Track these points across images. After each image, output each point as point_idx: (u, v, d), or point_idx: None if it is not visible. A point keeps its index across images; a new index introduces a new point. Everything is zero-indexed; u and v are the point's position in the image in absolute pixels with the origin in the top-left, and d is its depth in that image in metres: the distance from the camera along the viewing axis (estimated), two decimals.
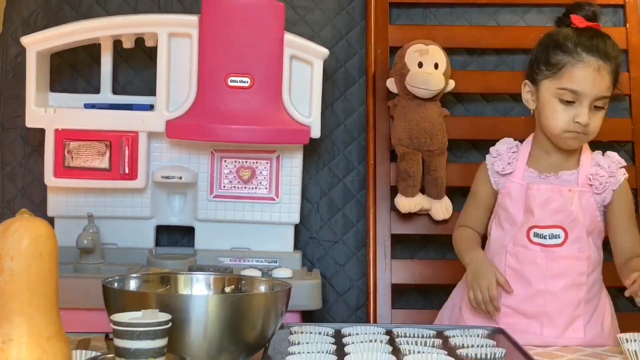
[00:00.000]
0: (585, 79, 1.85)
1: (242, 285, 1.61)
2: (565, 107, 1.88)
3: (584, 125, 1.86)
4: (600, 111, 1.89)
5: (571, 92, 1.86)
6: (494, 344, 1.56)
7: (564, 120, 1.88)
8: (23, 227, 1.26)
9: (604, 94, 1.87)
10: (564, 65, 1.87)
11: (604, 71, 1.86)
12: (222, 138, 2.55)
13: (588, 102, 1.86)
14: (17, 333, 1.23)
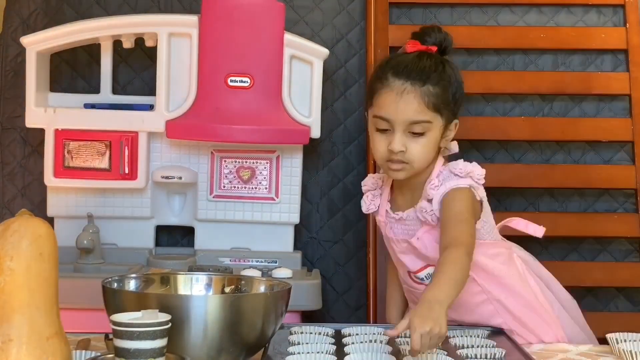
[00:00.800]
0: (390, 104, 1.74)
1: (242, 286, 1.61)
2: (381, 135, 1.77)
3: (398, 152, 1.75)
4: (420, 137, 1.75)
5: (382, 119, 1.76)
6: (494, 344, 1.56)
7: (381, 149, 1.77)
8: (23, 227, 1.26)
9: (414, 118, 1.73)
10: (375, 92, 1.78)
11: (410, 94, 1.73)
12: (222, 138, 2.55)
13: (399, 127, 1.74)
14: (17, 333, 1.23)
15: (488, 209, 1.88)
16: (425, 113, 1.74)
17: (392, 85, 1.75)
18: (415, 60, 1.77)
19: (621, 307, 2.79)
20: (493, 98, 2.84)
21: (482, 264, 1.84)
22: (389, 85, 1.75)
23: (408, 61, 1.77)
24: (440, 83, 1.76)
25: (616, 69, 2.82)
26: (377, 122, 1.77)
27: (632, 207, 2.76)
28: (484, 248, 1.84)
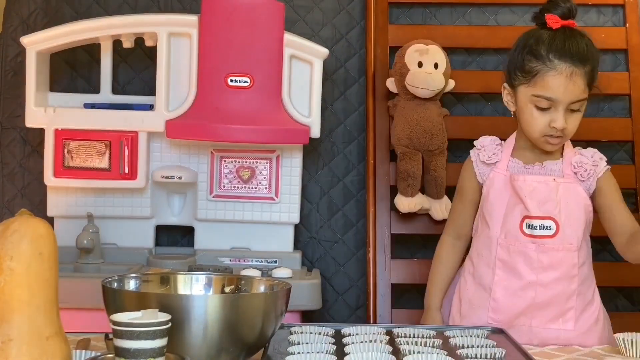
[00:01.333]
0: (558, 86, 1.85)
1: (241, 285, 1.61)
2: (541, 113, 1.89)
3: (560, 129, 1.87)
4: (576, 113, 1.89)
5: (546, 99, 1.87)
6: (495, 344, 1.56)
7: (541, 125, 1.89)
8: (23, 227, 1.26)
9: (578, 98, 1.87)
10: (537, 72, 1.88)
11: (577, 76, 1.85)
12: (222, 138, 2.55)
13: (563, 107, 1.87)
14: (17, 333, 1.23)
15: None
16: (586, 92, 1.88)
17: (558, 68, 1.85)
18: (573, 43, 1.87)
19: (621, 307, 2.79)
20: (493, 98, 2.84)
21: None
22: (555, 67, 1.85)
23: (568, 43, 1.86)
24: (592, 62, 1.88)
25: (616, 69, 2.82)
26: (538, 101, 1.87)
27: (632, 207, 2.75)
28: None
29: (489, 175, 1.99)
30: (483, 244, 1.98)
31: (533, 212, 1.89)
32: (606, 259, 2.79)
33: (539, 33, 1.91)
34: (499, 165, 1.99)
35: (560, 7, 1.90)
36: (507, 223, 1.92)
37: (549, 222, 1.89)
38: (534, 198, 1.90)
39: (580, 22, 2.82)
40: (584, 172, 1.93)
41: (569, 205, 1.91)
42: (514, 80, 1.95)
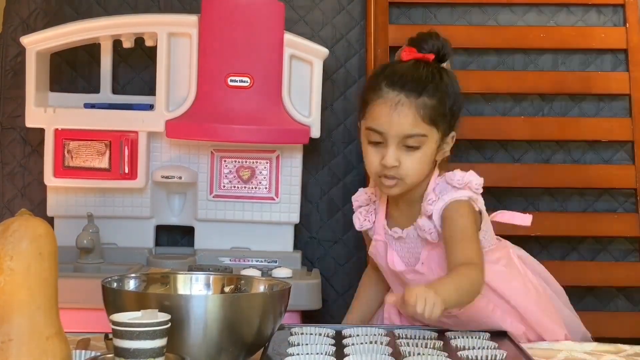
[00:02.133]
0: (383, 116, 1.66)
1: (241, 285, 1.61)
2: (374, 149, 1.70)
3: (391, 167, 1.67)
4: (415, 152, 1.68)
5: (375, 132, 1.68)
6: (496, 346, 1.56)
7: (374, 163, 1.70)
8: (22, 227, 1.26)
9: (407, 132, 1.66)
10: (368, 102, 1.69)
11: (404, 107, 1.65)
12: (222, 138, 2.55)
13: (393, 141, 1.66)
14: (17, 333, 1.23)
15: (487, 217, 1.82)
16: (421, 126, 1.67)
17: (385, 96, 1.67)
18: (411, 69, 1.69)
19: (621, 307, 2.79)
20: (493, 98, 2.84)
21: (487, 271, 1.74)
22: (383, 96, 1.67)
23: (403, 70, 1.69)
24: (437, 94, 1.68)
25: (616, 69, 2.82)
26: (369, 135, 1.69)
27: (632, 207, 2.76)
28: (486, 256, 1.76)
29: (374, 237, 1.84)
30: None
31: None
32: (606, 259, 2.80)
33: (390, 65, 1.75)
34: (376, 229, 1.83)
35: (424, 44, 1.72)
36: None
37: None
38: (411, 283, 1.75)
39: (580, 22, 2.84)
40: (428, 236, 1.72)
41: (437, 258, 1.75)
42: (359, 115, 1.75)
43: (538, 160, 2.82)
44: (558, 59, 2.85)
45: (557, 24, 2.85)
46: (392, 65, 1.73)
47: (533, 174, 2.75)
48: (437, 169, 1.80)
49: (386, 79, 1.68)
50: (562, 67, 2.85)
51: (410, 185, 1.72)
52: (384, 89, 1.67)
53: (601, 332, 2.63)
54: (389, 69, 1.72)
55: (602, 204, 2.81)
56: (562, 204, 2.83)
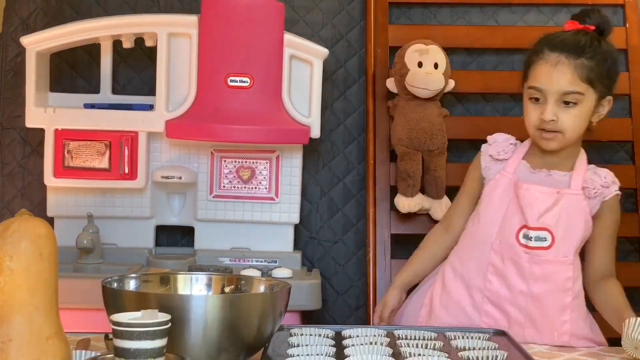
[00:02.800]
0: (543, 75, 1.84)
1: (241, 285, 1.61)
2: (533, 105, 1.87)
3: (549, 122, 1.84)
4: (572, 108, 1.84)
5: (535, 90, 1.85)
6: (496, 346, 1.55)
7: (533, 118, 1.87)
8: (22, 227, 1.26)
9: (566, 89, 1.82)
10: (530, 64, 1.88)
11: (564, 66, 1.82)
12: (222, 138, 2.55)
13: (552, 98, 1.83)
14: (17, 333, 1.23)
15: None
16: (578, 84, 1.82)
17: (547, 57, 1.84)
18: (572, 35, 1.86)
19: None
20: (493, 98, 2.84)
21: None
22: (544, 57, 1.84)
23: (565, 36, 1.86)
24: (595, 57, 1.83)
25: None
26: (530, 92, 1.86)
27: (632, 207, 2.76)
28: None
29: (494, 175, 1.95)
30: (475, 245, 1.95)
31: (531, 223, 1.85)
32: None
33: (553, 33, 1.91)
34: (507, 166, 1.94)
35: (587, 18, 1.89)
36: (504, 229, 1.89)
37: (545, 234, 1.84)
38: (534, 208, 1.86)
39: None
40: (591, 190, 1.89)
41: (570, 218, 1.86)
42: (523, 81, 1.93)
43: None
44: None
45: (557, 24, 2.84)
46: (555, 34, 1.89)
47: None
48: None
49: (548, 43, 1.86)
50: None
51: (569, 140, 1.88)
52: (546, 52, 1.85)
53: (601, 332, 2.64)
54: (551, 36, 1.89)
55: None
56: None
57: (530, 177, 1.91)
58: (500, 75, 2.81)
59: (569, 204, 1.86)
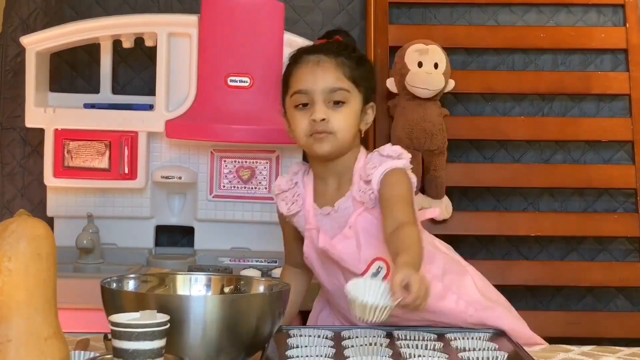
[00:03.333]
0: (306, 75, 1.76)
1: (241, 286, 1.61)
2: (302, 112, 1.76)
3: (320, 122, 1.72)
4: (342, 107, 1.75)
5: (301, 94, 1.76)
6: (496, 347, 1.55)
7: (304, 124, 1.75)
8: (21, 227, 1.26)
9: (332, 85, 1.74)
10: (289, 75, 1.80)
11: (325, 63, 1.75)
12: (222, 138, 2.55)
13: (320, 97, 1.74)
14: (15, 333, 1.23)
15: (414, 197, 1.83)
16: (344, 82, 1.76)
17: (306, 60, 1.78)
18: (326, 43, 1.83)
19: (621, 307, 2.79)
20: (493, 98, 2.84)
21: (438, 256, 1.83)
22: (304, 61, 1.78)
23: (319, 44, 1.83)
24: (353, 57, 1.79)
25: (616, 69, 2.82)
26: (295, 99, 1.76)
27: (632, 207, 2.76)
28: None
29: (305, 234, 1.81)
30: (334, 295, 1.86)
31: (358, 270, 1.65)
32: (606, 259, 2.79)
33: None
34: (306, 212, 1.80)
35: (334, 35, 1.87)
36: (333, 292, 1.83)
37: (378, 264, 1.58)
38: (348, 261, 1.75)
39: (580, 22, 2.84)
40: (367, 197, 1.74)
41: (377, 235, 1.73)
42: (283, 102, 1.83)
43: (538, 160, 2.82)
44: (558, 59, 2.85)
45: (557, 23, 2.85)
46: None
47: (533, 174, 2.75)
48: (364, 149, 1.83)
49: (303, 50, 1.82)
50: (561, 67, 2.85)
51: (341, 141, 1.75)
52: (304, 57, 1.79)
53: (601, 332, 2.64)
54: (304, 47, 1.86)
55: (602, 204, 2.81)
56: (562, 204, 2.83)
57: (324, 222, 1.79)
58: (500, 75, 2.81)
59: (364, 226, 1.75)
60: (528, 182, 2.75)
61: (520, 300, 2.80)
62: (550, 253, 2.80)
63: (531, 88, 2.79)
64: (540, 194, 2.82)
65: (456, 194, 2.74)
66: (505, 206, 2.82)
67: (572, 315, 2.70)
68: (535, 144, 2.81)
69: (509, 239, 2.80)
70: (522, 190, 2.82)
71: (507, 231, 2.73)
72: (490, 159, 2.82)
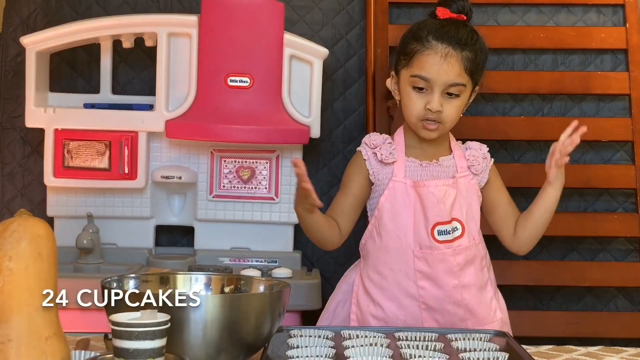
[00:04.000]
0: (432, 65, 1.82)
1: (241, 285, 1.61)
2: (418, 94, 1.84)
3: (435, 112, 1.83)
4: (455, 99, 1.85)
5: (421, 79, 1.83)
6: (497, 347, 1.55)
7: (417, 107, 1.84)
8: (21, 227, 1.26)
9: (454, 80, 1.83)
10: (415, 52, 1.84)
11: (453, 58, 1.82)
12: (222, 138, 2.55)
13: (438, 88, 1.82)
14: (16, 333, 1.23)
15: None
16: (463, 77, 1.84)
17: (435, 48, 1.82)
18: (454, 27, 1.85)
19: (621, 307, 2.79)
20: (493, 98, 2.84)
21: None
22: (432, 47, 1.82)
23: (447, 27, 1.85)
24: (474, 50, 1.85)
25: (616, 69, 2.82)
26: (415, 81, 1.83)
27: (632, 206, 2.76)
28: None
29: (385, 182, 1.90)
30: (396, 257, 1.89)
31: (441, 218, 1.85)
32: (606, 259, 2.80)
33: (426, 21, 1.89)
34: (396, 169, 1.89)
35: (454, 4, 1.87)
36: (419, 234, 1.86)
37: (455, 224, 1.86)
38: (440, 204, 1.85)
39: (580, 22, 2.84)
40: (477, 166, 1.92)
41: (468, 200, 1.90)
42: (397, 65, 1.89)
43: (538, 160, 2.82)
44: (558, 59, 2.85)
45: (557, 23, 2.85)
46: (432, 22, 1.87)
47: (533, 174, 2.74)
48: None
49: (432, 33, 1.84)
50: (561, 67, 2.85)
51: (447, 128, 1.89)
52: (432, 42, 1.83)
53: (601, 332, 2.64)
54: (431, 25, 1.86)
55: (602, 204, 2.81)
56: (562, 204, 2.82)
57: (423, 173, 1.90)
58: (501, 75, 2.81)
59: (464, 187, 1.89)
60: (528, 182, 2.75)
61: (520, 300, 2.80)
62: (550, 253, 2.80)
63: (531, 88, 2.79)
64: None
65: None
66: None
67: (572, 315, 2.70)
68: (535, 144, 2.81)
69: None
70: (522, 190, 2.81)
71: None
72: None
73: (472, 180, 1.91)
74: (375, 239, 1.92)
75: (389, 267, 1.90)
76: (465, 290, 1.88)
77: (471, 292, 1.89)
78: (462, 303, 1.88)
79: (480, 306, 1.90)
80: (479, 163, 1.92)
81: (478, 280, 1.90)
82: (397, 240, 1.88)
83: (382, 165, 1.90)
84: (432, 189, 1.86)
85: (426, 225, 1.86)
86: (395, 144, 1.92)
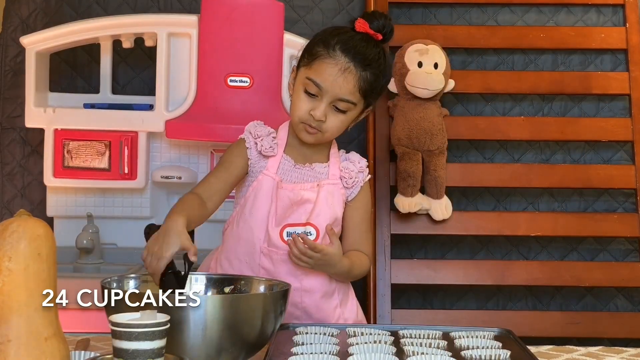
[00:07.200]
0: (329, 75, 1.80)
1: (241, 286, 1.61)
2: (307, 98, 1.83)
3: (317, 120, 1.82)
4: (340, 115, 1.83)
5: (315, 85, 1.81)
6: (500, 345, 1.55)
7: (302, 110, 1.84)
8: (21, 227, 1.26)
9: (344, 96, 1.80)
10: (318, 56, 1.82)
11: (350, 74, 1.80)
12: (222, 138, 2.55)
13: (327, 99, 1.81)
14: (15, 333, 1.23)
15: None
16: (355, 95, 1.81)
17: (337, 58, 1.80)
18: (364, 44, 1.83)
19: (621, 307, 2.79)
20: (493, 98, 2.84)
21: None
22: (335, 57, 1.80)
23: (357, 41, 1.82)
24: (377, 72, 1.83)
25: (616, 69, 2.82)
26: (308, 85, 1.82)
27: (632, 206, 2.76)
28: None
29: (258, 174, 1.90)
30: (245, 248, 1.90)
31: (296, 220, 1.84)
32: (606, 259, 2.80)
33: (342, 29, 1.87)
34: (270, 164, 1.90)
35: (375, 21, 1.85)
36: (270, 231, 1.86)
37: (310, 229, 1.84)
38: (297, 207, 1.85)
39: (579, 22, 2.84)
40: (349, 180, 1.90)
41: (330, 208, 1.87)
42: (299, 62, 1.88)
43: (538, 160, 2.83)
44: (558, 59, 2.85)
45: (557, 23, 2.85)
46: (346, 32, 1.85)
47: (533, 174, 2.75)
48: None
49: (341, 43, 1.82)
50: (561, 67, 2.85)
51: (326, 139, 1.88)
52: (337, 52, 1.81)
53: (601, 332, 2.64)
54: (343, 35, 1.84)
55: (602, 204, 2.81)
56: (562, 204, 2.83)
57: (294, 175, 1.90)
58: (500, 75, 2.81)
59: (328, 194, 1.88)
60: (528, 182, 2.75)
61: (520, 300, 2.81)
62: (550, 253, 2.80)
63: (531, 88, 2.79)
64: (540, 194, 2.82)
65: (456, 194, 2.74)
66: (505, 206, 2.82)
67: (572, 315, 2.70)
68: (535, 144, 2.82)
69: (509, 239, 2.81)
70: (522, 190, 2.82)
71: (507, 231, 2.73)
72: (490, 159, 2.82)
73: (341, 190, 1.90)
74: (234, 226, 1.92)
75: (237, 257, 1.90)
76: (306, 295, 1.86)
77: (313, 297, 1.86)
78: (300, 305, 1.86)
79: (320, 312, 1.87)
80: (351, 177, 1.90)
81: (324, 286, 1.87)
82: (249, 232, 1.88)
83: (260, 157, 1.91)
84: (288, 192, 1.86)
85: (277, 224, 1.85)
86: (278, 139, 1.93)
